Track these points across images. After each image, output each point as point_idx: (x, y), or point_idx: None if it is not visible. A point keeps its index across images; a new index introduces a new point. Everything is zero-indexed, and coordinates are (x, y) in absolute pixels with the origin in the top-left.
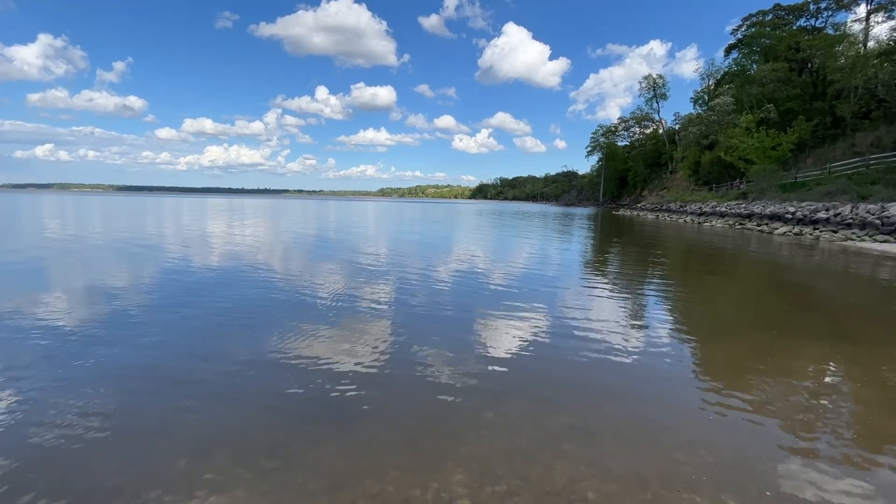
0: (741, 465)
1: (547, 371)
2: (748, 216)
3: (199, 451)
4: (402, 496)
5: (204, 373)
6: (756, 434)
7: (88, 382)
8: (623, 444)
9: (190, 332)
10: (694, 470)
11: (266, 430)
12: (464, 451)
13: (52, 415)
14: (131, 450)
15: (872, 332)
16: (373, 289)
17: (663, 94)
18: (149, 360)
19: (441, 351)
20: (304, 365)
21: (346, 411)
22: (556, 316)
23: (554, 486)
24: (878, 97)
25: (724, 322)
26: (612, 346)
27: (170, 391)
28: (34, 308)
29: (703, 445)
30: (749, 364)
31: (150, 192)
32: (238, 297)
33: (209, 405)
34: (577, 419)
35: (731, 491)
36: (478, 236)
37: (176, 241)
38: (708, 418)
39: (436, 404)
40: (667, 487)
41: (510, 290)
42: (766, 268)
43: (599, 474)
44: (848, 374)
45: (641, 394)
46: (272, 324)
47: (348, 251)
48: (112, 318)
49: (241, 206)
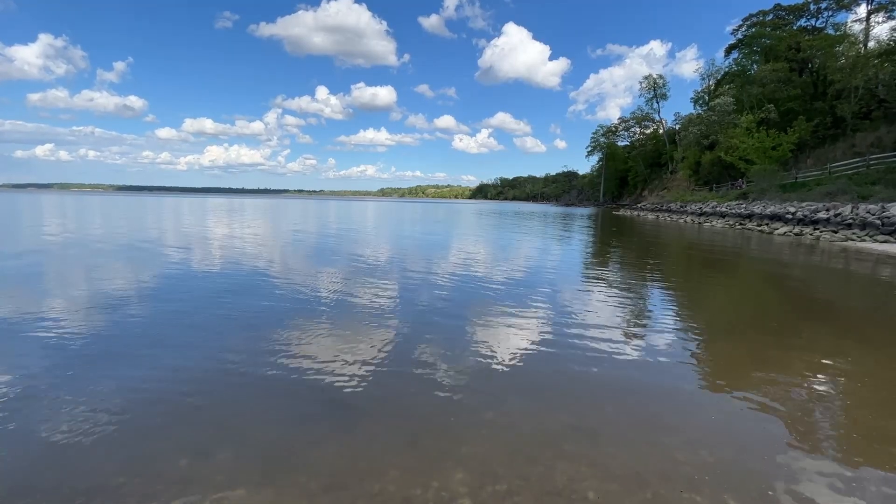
0: (742, 464)
1: (547, 371)
2: (748, 216)
3: (200, 451)
4: (403, 495)
5: (205, 372)
6: (757, 434)
7: (90, 383)
8: (623, 443)
9: (191, 332)
10: (694, 470)
11: (267, 430)
12: (464, 451)
13: (54, 415)
14: (133, 449)
15: (873, 332)
16: (374, 289)
17: (663, 94)
18: (150, 359)
19: (442, 350)
20: (306, 365)
21: (346, 411)
22: (556, 316)
23: (554, 485)
24: (879, 97)
25: (725, 322)
26: (612, 346)
27: (171, 391)
28: (37, 308)
29: (704, 445)
30: (749, 364)
31: (151, 192)
32: (240, 296)
33: (210, 405)
34: (578, 419)
35: (732, 491)
36: (478, 236)
37: (177, 242)
38: (709, 418)
39: (436, 404)
40: (667, 487)
41: (511, 289)
42: (767, 268)
43: (600, 474)
44: (849, 374)
45: (642, 393)
46: (274, 323)
47: (349, 251)
48: (113, 319)
49: (242, 206)
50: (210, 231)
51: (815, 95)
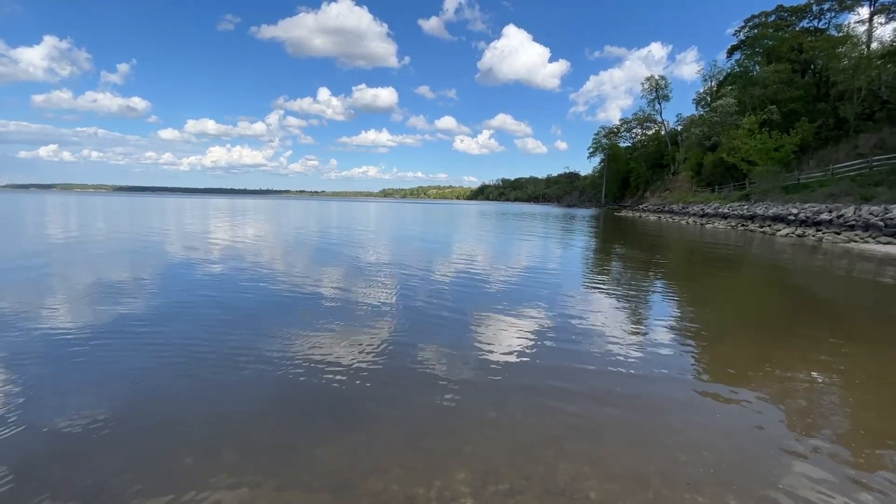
0: (743, 465)
1: (550, 371)
2: (751, 217)
3: (205, 450)
4: (406, 494)
5: (209, 372)
6: (758, 434)
7: (95, 382)
8: (625, 443)
9: (195, 331)
10: (696, 470)
11: (271, 429)
12: (467, 450)
13: (59, 413)
14: (139, 447)
15: (876, 333)
16: (377, 289)
17: (665, 95)
18: (155, 359)
19: (444, 351)
20: (309, 364)
21: (349, 410)
22: (559, 316)
23: (556, 485)
24: (882, 98)
25: (727, 323)
26: (615, 347)
27: (176, 390)
28: (40, 309)
29: (706, 446)
30: (751, 364)
31: (153, 193)
32: (243, 296)
33: (215, 404)
34: (580, 419)
35: (733, 491)
36: (481, 237)
37: (181, 242)
38: (711, 418)
39: (439, 403)
40: (669, 487)
41: (513, 289)
42: (769, 269)
43: (601, 474)
44: (850, 375)
45: (644, 394)
46: (277, 323)
47: (352, 252)
48: (116, 319)
49: (244, 207)
50: (215, 232)
51: (817, 97)
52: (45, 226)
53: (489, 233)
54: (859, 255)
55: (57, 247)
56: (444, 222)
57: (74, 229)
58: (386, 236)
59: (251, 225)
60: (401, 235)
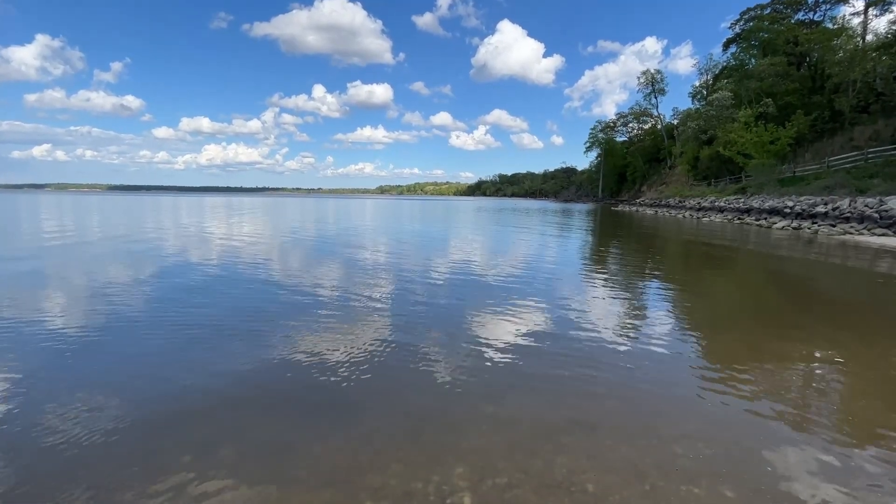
0: (740, 457)
1: (547, 365)
2: (747, 211)
3: (204, 447)
4: (404, 489)
5: (207, 369)
6: (754, 426)
7: (94, 380)
8: (622, 436)
9: (193, 329)
10: (692, 462)
11: (269, 426)
12: (465, 445)
13: (58, 412)
14: (137, 445)
15: (871, 324)
16: (374, 284)
17: (662, 89)
18: (153, 358)
19: (442, 345)
20: (306, 361)
21: (347, 406)
22: (556, 310)
23: (554, 478)
24: (877, 91)
25: (723, 315)
26: (611, 339)
27: (174, 388)
28: (41, 309)
29: (702, 438)
30: (748, 356)
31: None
32: (241, 294)
33: (213, 401)
34: (577, 412)
35: (729, 483)
36: (478, 232)
37: (178, 241)
38: (707, 411)
39: (437, 398)
40: (665, 479)
41: (511, 283)
42: (765, 261)
43: (599, 466)
44: (847, 366)
45: (641, 387)
46: (274, 320)
47: (349, 248)
48: (115, 318)
49: (240, 205)
50: (211, 230)
51: (813, 89)
52: (40, 225)
53: (486, 228)
54: (855, 247)
55: (55, 247)
56: (441, 218)
57: (70, 228)
58: (383, 232)
59: (248, 223)
60: (398, 231)
